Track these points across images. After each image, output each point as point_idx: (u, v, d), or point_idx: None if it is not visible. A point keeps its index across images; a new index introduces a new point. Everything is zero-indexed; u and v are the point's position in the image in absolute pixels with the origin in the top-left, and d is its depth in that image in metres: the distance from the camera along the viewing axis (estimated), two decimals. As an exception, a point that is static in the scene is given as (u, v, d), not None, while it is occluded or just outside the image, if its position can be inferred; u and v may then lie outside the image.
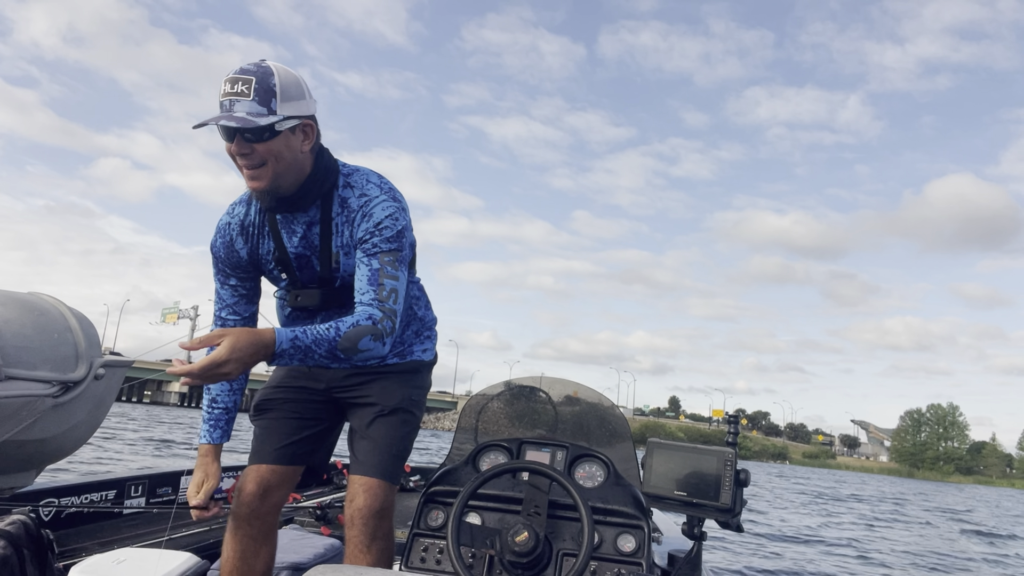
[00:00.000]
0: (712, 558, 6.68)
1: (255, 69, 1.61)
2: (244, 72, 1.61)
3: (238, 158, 1.65)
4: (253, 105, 1.58)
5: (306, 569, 1.34)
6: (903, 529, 12.02)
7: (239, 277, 1.90)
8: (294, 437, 1.95)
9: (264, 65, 1.63)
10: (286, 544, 2.14)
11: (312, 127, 1.72)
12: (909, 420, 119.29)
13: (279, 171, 1.66)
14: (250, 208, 1.84)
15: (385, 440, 1.86)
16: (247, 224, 1.85)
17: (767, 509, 12.96)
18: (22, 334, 1.02)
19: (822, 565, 7.37)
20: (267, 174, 1.65)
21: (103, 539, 2.30)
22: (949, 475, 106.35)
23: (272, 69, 1.63)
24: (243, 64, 1.64)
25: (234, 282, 1.90)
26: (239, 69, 1.62)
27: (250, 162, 1.64)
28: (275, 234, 1.82)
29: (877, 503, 18.45)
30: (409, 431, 1.92)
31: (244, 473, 1.95)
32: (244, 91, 1.59)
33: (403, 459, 1.93)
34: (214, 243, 1.88)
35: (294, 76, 1.68)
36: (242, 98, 1.58)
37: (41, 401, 1.03)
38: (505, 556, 1.72)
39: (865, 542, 9.44)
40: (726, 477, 1.78)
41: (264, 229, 1.84)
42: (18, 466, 1.10)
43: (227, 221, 1.87)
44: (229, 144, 1.64)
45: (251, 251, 1.86)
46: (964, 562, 8.81)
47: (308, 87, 1.71)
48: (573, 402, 2.38)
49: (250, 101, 1.58)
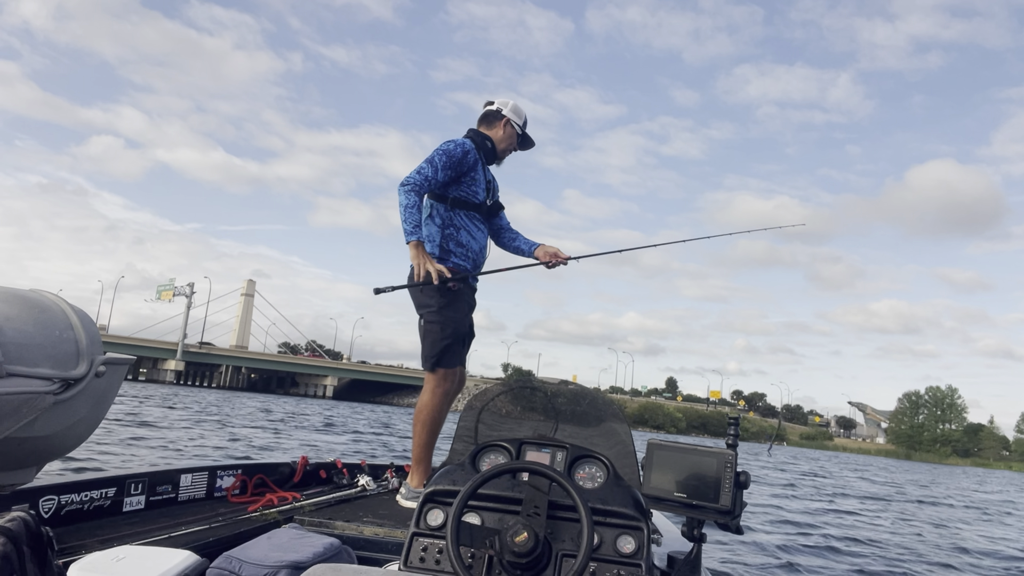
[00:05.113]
0: (711, 560, 6.68)
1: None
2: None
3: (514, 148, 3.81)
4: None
5: (305, 568, 1.34)
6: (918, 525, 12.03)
7: (451, 178, 3.44)
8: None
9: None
10: (286, 543, 2.14)
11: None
12: (907, 402, 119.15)
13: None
14: (479, 151, 3.57)
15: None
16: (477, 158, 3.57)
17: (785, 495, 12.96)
18: (23, 331, 1.02)
19: (825, 565, 7.37)
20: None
21: (103, 536, 2.30)
22: (946, 457, 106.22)
23: None
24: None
25: (443, 178, 3.41)
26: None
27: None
28: (485, 170, 3.67)
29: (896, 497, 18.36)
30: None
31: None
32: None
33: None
34: (466, 150, 3.46)
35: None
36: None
37: (42, 398, 1.02)
38: (504, 556, 1.72)
39: (881, 538, 9.44)
40: (726, 479, 1.77)
41: (480, 165, 3.60)
42: (18, 463, 1.10)
43: (471, 148, 3.50)
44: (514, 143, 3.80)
45: (479, 171, 3.58)
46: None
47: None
48: (573, 402, 2.38)
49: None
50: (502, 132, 3.69)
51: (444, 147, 3.43)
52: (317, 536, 2.30)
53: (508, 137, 3.71)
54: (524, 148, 3.85)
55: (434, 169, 3.35)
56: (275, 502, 3.01)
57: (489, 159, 3.66)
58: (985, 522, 14.75)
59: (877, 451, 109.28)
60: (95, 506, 2.51)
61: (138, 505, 2.71)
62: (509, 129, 3.70)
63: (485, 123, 3.71)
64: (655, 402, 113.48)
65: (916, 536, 10.86)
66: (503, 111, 3.70)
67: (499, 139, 3.68)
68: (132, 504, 2.68)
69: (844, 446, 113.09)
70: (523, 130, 3.78)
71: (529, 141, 3.84)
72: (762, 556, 7.50)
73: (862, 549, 8.83)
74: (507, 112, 3.70)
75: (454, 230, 3.51)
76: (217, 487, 3.12)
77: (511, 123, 3.71)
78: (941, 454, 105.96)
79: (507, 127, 3.70)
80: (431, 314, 3.41)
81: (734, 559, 7.12)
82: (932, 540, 10.55)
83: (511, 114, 3.71)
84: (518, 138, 3.76)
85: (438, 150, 3.41)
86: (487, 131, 3.68)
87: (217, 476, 3.13)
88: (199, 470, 3.06)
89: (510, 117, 3.70)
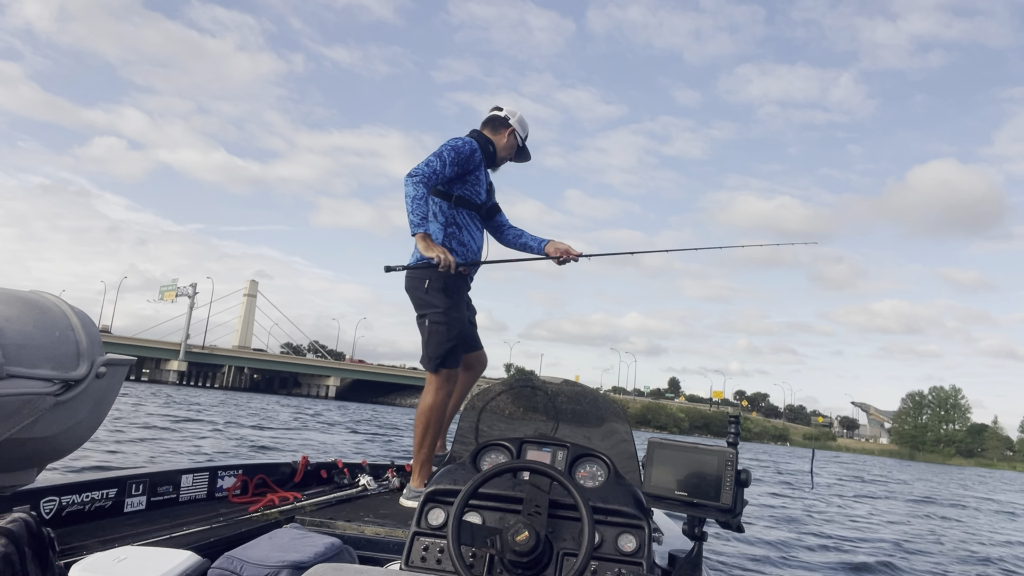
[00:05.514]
0: (713, 558, 6.68)
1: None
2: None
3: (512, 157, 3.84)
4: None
5: (307, 568, 1.34)
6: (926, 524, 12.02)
7: (457, 174, 3.44)
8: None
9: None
10: (287, 543, 2.14)
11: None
12: (911, 402, 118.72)
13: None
14: (481, 152, 3.56)
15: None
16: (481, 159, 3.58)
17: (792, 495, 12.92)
18: (24, 332, 1.02)
19: (827, 563, 7.37)
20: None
21: (104, 537, 2.30)
22: (950, 457, 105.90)
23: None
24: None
25: (450, 173, 3.40)
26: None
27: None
28: (486, 172, 3.70)
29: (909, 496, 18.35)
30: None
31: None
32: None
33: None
34: (474, 148, 3.49)
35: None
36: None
37: (42, 399, 1.02)
38: (506, 555, 1.72)
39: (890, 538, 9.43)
40: (727, 477, 1.77)
41: (483, 166, 3.62)
42: (19, 464, 1.10)
43: (478, 148, 3.53)
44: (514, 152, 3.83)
45: (482, 171, 3.61)
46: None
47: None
48: (574, 401, 2.37)
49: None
50: (505, 140, 3.71)
51: (452, 143, 3.44)
52: (318, 536, 2.30)
53: (510, 147, 3.75)
54: (519, 160, 3.90)
55: (442, 163, 3.35)
56: (276, 502, 3.01)
57: (488, 163, 3.69)
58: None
59: (880, 451, 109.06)
60: (96, 507, 2.51)
61: (139, 506, 2.71)
62: (512, 139, 3.74)
63: (490, 127, 3.73)
64: (658, 403, 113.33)
65: (914, 536, 10.85)
66: (510, 120, 3.73)
67: (501, 146, 3.71)
68: (133, 505, 2.68)
69: (847, 446, 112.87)
70: (523, 143, 3.84)
71: (526, 154, 3.88)
72: (763, 555, 7.50)
73: (861, 549, 8.82)
74: (514, 122, 3.74)
75: (456, 229, 3.52)
76: (218, 487, 3.13)
77: (515, 134, 3.75)
78: (945, 455, 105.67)
79: (511, 137, 3.73)
80: (437, 315, 3.41)
81: (735, 557, 7.12)
82: (936, 540, 10.54)
83: (517, 125, 3.75)
84: (517, 149, 3.82)
85: (446, 145, 3.42)
86: (491, 135, 3.70)
87: (218, 476, 3.13)
88: (200, 470, 3.06)
89: (515, 127, 3.75)
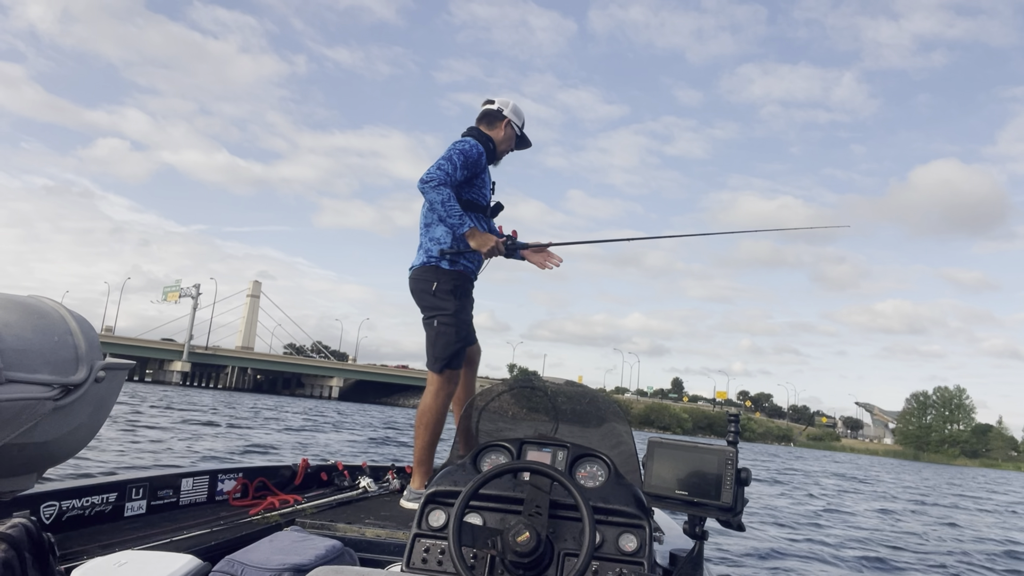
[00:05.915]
0: (713, 557, 6.67)
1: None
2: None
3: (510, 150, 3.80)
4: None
5: (308, 570, 1.34)
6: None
7: (466, 178, 3.43)
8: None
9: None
10: (287, 546, 2.14)
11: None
12: (915, 402, 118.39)
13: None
14: (486, 153, 3.54)
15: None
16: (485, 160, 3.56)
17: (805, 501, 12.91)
18: (22, 337, 1.02)
19: (828, 562, 7.37)
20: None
21: (104, 542, 2.30)
22: (955, 458, 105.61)
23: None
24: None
25: (460, 177, 3.37)
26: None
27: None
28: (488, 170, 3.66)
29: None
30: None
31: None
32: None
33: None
34: (481, 152, 3.47)
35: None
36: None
37: (41, 404, 1.02)
38: (507, 556, 1.72)
39: (887, 536, 9.43)
40: (727, 476, 1.77)
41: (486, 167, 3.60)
42: (19, 469, 1.10)
43: (483, 150, 3.50)
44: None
45: (486, 172, 3.61)
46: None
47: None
48: (574, 402, 2.37)
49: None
50: (503, 133, 3.67)
51: (460, 147, 3.39)
52: (319, 538, 2.30)
53: (508, 139, 3.71)
54: (520, 148, 3.85)
55: (454, 167, 3.32)
56: (276, 505, 3.01)
57: (489, 160, 3.64)
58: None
59: (885, 452, 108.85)
60: (96, 511, 2.51)
61: (139, 510, 2.70)
62: (509, 130, 3.69)
63: (486, 122, 3.68)
64: (661, 403, 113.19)
65: (914, 536, 10.84)
66: (504, 111, 3.67)
67: (499, 140, 3.66)
68: (133, 509, 2.68)
69: (851, 447, 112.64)
70: (521, 131, 3.78)
71: (526, 141, 3.83)
72: (764, 553, 7.50)
73: (862, 549, 8.82)
74: (508, 113, 3.68)
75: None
76: (218, 491, 3.12)
77: (511, 124, 3.70)
78: (949, 455, 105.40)
79: (507, 128, 3.68)
80: (446, 317, 3.41)
81: (736, 556, 7.12)
82: (937, 539, 10.53)
83: (511, 115, 3.69)
84: (515, 139, 3.77)
85: (455, 150, 3.37)
86: (488, 131, 3.65)
87: (218, 480, 3.13)
88: (200, 474, 3.05)
89: (511, 118, 3.69)
